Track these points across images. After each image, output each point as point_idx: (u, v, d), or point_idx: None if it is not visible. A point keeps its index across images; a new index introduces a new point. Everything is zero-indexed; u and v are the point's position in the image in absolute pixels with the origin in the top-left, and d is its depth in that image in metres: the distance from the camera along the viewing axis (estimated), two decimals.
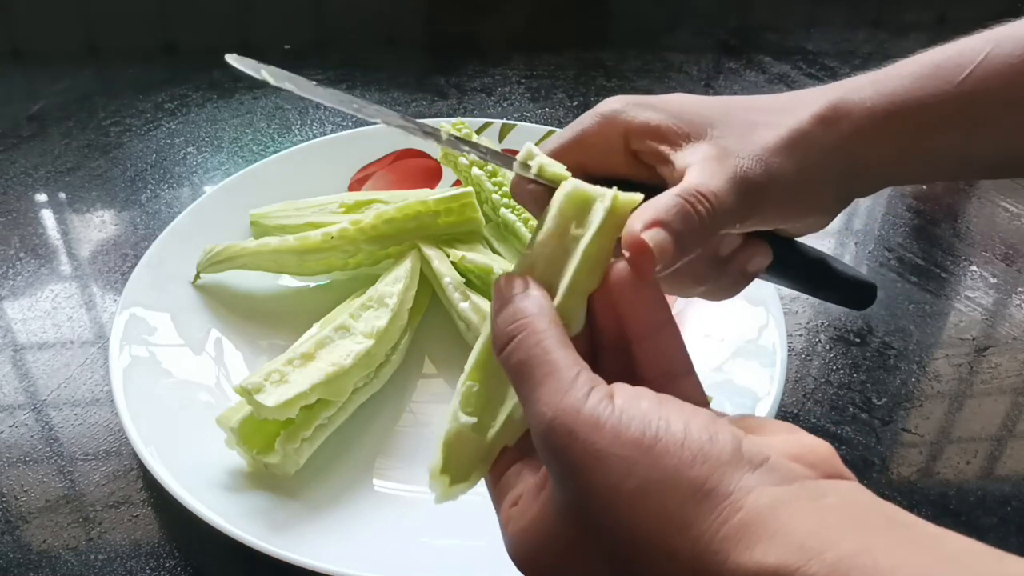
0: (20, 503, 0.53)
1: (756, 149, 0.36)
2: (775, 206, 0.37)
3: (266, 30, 1.00)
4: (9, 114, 0.86)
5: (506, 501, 0.31)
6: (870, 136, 0.38)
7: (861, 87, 0.39)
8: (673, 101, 0.39)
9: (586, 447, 0.27)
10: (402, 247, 0.62)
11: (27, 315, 0.66)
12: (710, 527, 0.25)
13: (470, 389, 0.33)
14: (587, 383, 0.28)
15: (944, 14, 1.06)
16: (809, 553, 0.23)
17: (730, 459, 0.26)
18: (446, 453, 0.33)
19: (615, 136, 0.38)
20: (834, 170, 0.38)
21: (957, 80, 0.38)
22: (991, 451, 0.58)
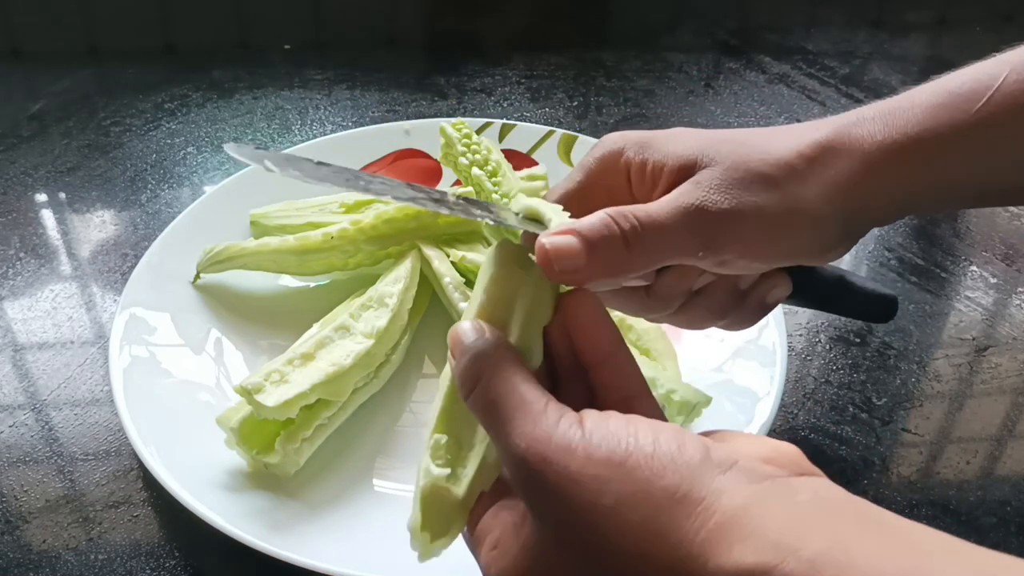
0: (20, 503, 0.53)
1: (728, 183, 0.36)
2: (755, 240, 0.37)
3: (266, 30, 1.00)
4: (9, 114, 0.86)
5: (484, 547, 0.31)
6: (882, 170, 0.37)
7: (868, 119, 0.38)
8: (671, 137, 0.38)
9: (559, 471, 0.27)
10: (402, 247, 0.62)
11: (27, 315, 0.66)
12: (688, 532, 0.26)
13: (438, 442, 0.33)
14: (556, 412, 0.29)
15: (944, 14, 1.06)
16: (784, 551, 0.24)
17: (699, 465, 0.27)
18: (424, 509, 0.33)
19: (618, 178, 0.39)
20: (835, 204, 0.37)
21: (974, 108, 0.37)
22: (991, 451, 0.58)
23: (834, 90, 0.92)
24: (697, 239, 0.36)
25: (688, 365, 0.57)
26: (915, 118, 0.37)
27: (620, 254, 0.34)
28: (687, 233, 0.35)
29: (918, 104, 0.38)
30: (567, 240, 0.32)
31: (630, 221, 0.34)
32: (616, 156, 0.38)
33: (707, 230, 0.36)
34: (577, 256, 0.32)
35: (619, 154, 0.38)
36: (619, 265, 0.34)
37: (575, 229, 0.33)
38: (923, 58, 1.00)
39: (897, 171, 0.37)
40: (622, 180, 0.39)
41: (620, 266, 0.34)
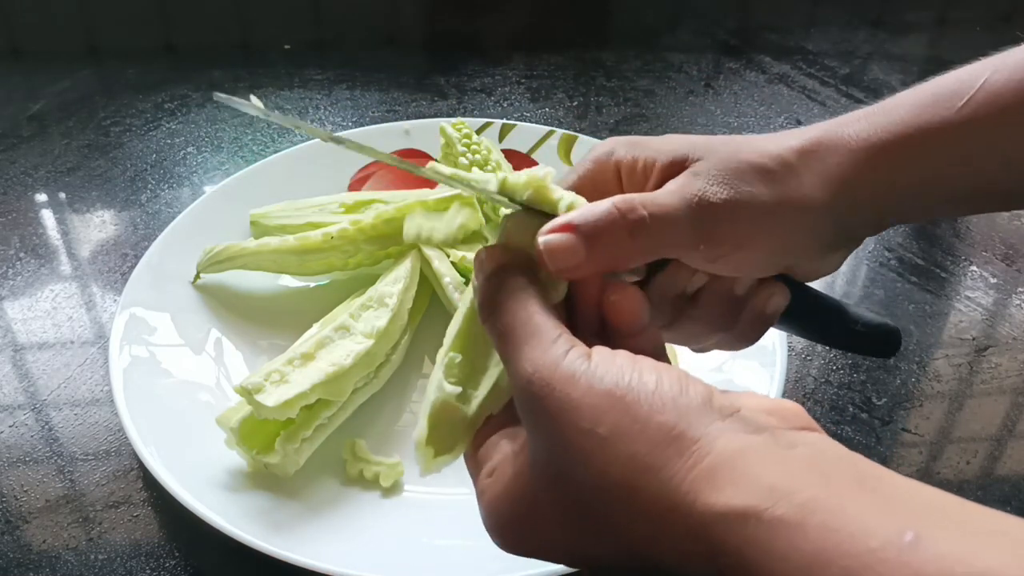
0: (20, 503, 0.53)
1: (725, 173, 0.36)
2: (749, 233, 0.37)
3: (266, 30, 1.00)
4: (9, 114, 0.86)
5: (482, 473, 0.32)
6: (865, 167, 0.38)
7: (855, 120, 0.39)
8: (662, 139, 0.39)
9: (561, 397, 0.28)
10: (402, 247, 0.62)
11: (27, 315, 0.66)
12: (679, 470, 0.26)
13: (452, 360, 0.34)
14: (566, 343, 0.30)
15: (944, 14, 1.06)
16: (777, 495, 0.24)
17: (700, 408, 0.27)
18: (431, 424, 0.33)
19: (611, 178, 0.39)
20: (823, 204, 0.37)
21: (956, 107, 0.37)
22: (991, 451, 0.58)
23: (834, 90, 0.92)
24: (699, 230, 0.36)
25: (688, 365, 0.57)
26: (899, 117, 0.38)
27: (623, 243, 0.34)
28: (690, 223, 0.35)
29: (903, 104, 0.38)
30: (563, 238, 0.33)
31: (636, 210, 0.34)
32: (607, 156, 0.39)
33: (708, 220, 0.36)
34: (575, 253, 0.33)
35: (611, 154, 0.39)
36: (621, 255, 0.34)
37: (574, 224, 0.33)
38: (923, 58, 1.00)
39: (884, 168, 0.38)
40: (612, 178, 0.39)
41: (622, 256, 0.34)
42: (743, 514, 0.24)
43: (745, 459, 0.25)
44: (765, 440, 0.26)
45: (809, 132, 0.38)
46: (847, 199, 0.38)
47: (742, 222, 0.37)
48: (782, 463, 0.25)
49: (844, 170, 0.37)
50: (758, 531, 0.24)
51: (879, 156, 0.37)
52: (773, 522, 0.24)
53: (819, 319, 0.42)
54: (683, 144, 0.38)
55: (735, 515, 0.24)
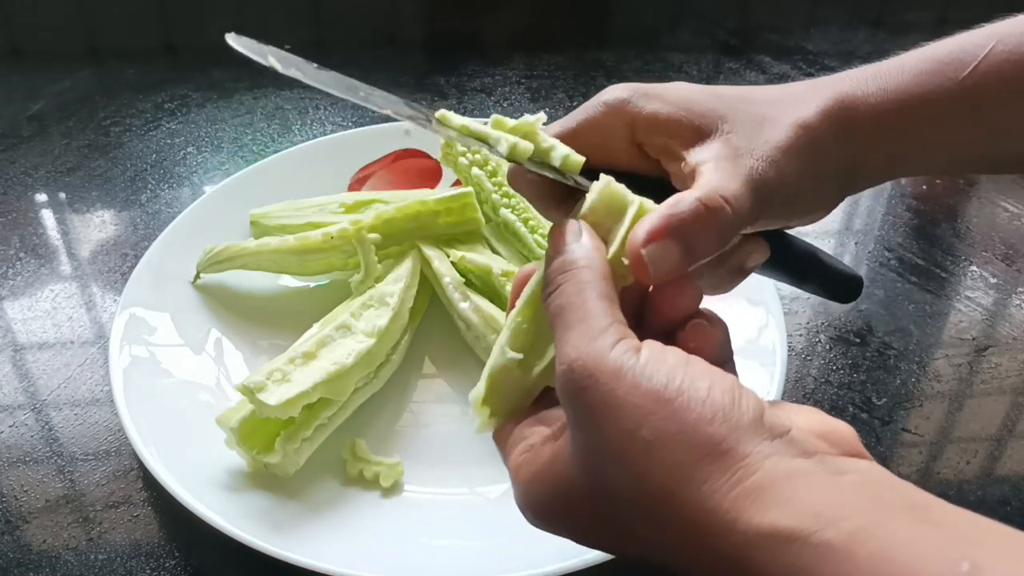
0: (20, 503, 0.53)
1: (767, 149, 0.35)
2: (781, 206, 0.37)
3: (266, 30, 1.00)
4: (9, 114, 0.86)
5: (516, 451, 0.32)
6: (872, 133, 0.37)
7: (864, 81, 0.38)
8: (679, 91, 0.37)
9: (604, 392, 0.27)
10: (402, 247, 0.62)
11: (27, 315, 0.66)
12: (723, 486, 0.25)
13: (519, 325, 0.33)
14: (616, 333, 0.28)
15: (944, 14, 1.06)
16: (824, 521, 0.23)
17: (751, 424, 0.26)
18: (490, 385, 0.33)
19: (620, 127, 0.37)
20: (836, 167, 0.37)
21: (961, 76, 0.37)
22: (991, 451, 0.58)
23: None
24: (756, 211, 0.35)
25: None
26: (903, 83, 0.38)
27: (712, 241, 0.33)
28: (756, 206, 0.35)
29: (907, 69, 0.38)
30: (664, 248, 0.31)
31: (724, 208, 0.33)
32: (621, 104, 0.37)
33: (764, 200, 0.35)
34: (674, 259, 0.32)
35: (625, 102, 0.37)
36: (708, 252, 0.33)
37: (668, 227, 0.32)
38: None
39: (887, 134, 0.38)
40: (622, 128, 0.37)
41: (708, 251, 0.33)
42: (788, 537, 0.23)
43: (792, 482, 0.24)
44: (814, 465, 0.25)
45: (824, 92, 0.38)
46: (854, 162, 0.38)
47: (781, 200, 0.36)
48: (831, 489, 0.24)
49: (854, 135, 0.37)
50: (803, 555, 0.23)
51: (885, 122, 0.37)
52: (820, 547, 0.23)
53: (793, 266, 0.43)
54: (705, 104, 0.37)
55: (780, 537, 0.23)
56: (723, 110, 0.36)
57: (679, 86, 0.38)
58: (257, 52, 0.37)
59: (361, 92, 0.37)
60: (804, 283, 0.44)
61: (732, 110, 0.37)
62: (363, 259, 0.59)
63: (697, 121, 0.36)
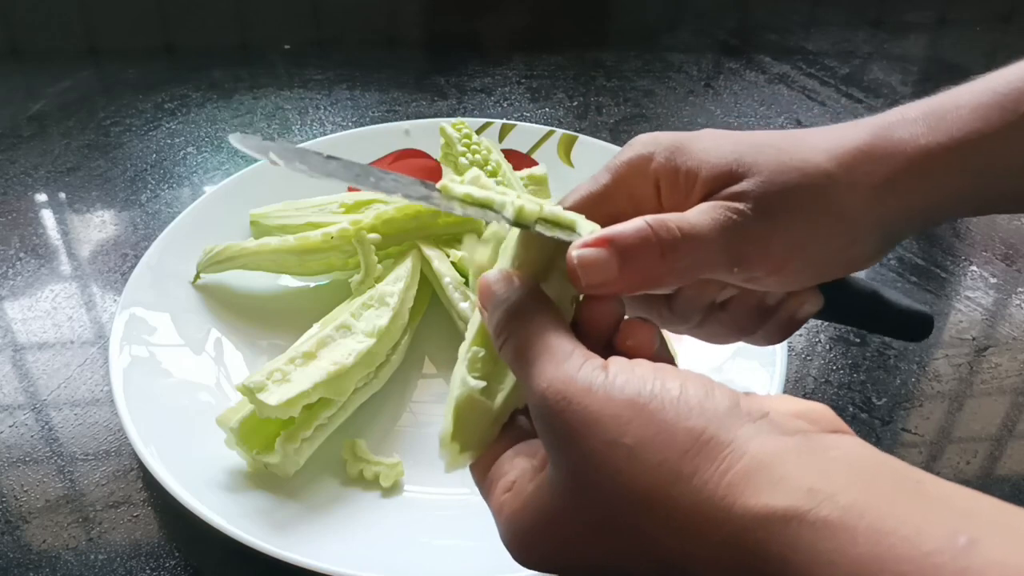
0: (20, 503, 0.53)
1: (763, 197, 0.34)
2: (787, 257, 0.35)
3: (266, 30, 1.00)
4: (9, 114, 0.86)
5: (498, 488, 0.31)
6: (924, 173, 0.35)
7: (912, 120, 0.36)
8: (704, 142, 0.36)
9: (580, 411, 0.27)
10: (402, 247, 0.62)
11: (27, 315, 0.66)
12: (713, 475, 0.25)
13: (476, 355, 0.33)
14: (581, 357, 0.29)
15: (944, 14, 1.06)
16: (819, 496, 0.23)
17: (728, 412, 0.26)
18: (456, 419, 0.33)
19: (646, 185, 0.37)
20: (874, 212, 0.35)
21: (1022, 109, 0.35)
22: (991, 451, 0.58)
23: (834, 90, 0.92)
24: (732, 254, 0.34)
25: (688, 364, 0.57)
26: (960, 119, 0.35)
27: (655, 265, 0.32)
28: (723, 248, 0.34)
29: (964, 105, 0.36)
30: (598, 253, 0.31)
31: (670, 231, 0.33)
32: (646, 161, 0.36)
33: (742, 246, 0.34)
34: (608, 269, 0.31)
35: (649, 159, 0.36)
36: (652, 276, 0.33)
37: (609, 238, 0.32)
38: (923, 58, 1.00)
39: (942, 174, 0.35)
40: (649, 187, 0.37)
41: (653, 278, 0.33)
42: (784, 516, 0.23)
43: (782, 461, 0.24)
44: (799, 442, 0.25)
45: (860, 133, 0.36)
46: (898, 208, 0.36)
47: (778, 248, 0.35)
48: (819, 464, 0.24)
49: (897, 180, 0.35)
50: (801, 533, 0.23)
51: (938, 162, 0.35)
52: (818, 523, 0.23)
53: (853, 310, 0.41)
54: (727, 156, 0.35)
55: (776, 517, 0.23)
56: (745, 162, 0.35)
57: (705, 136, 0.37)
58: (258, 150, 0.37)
59: (371, 178, 0.36)
60: (868, 326, 0.43)
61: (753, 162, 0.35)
62: (363, 259, 0.59)
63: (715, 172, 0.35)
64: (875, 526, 0.22)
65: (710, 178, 0.35)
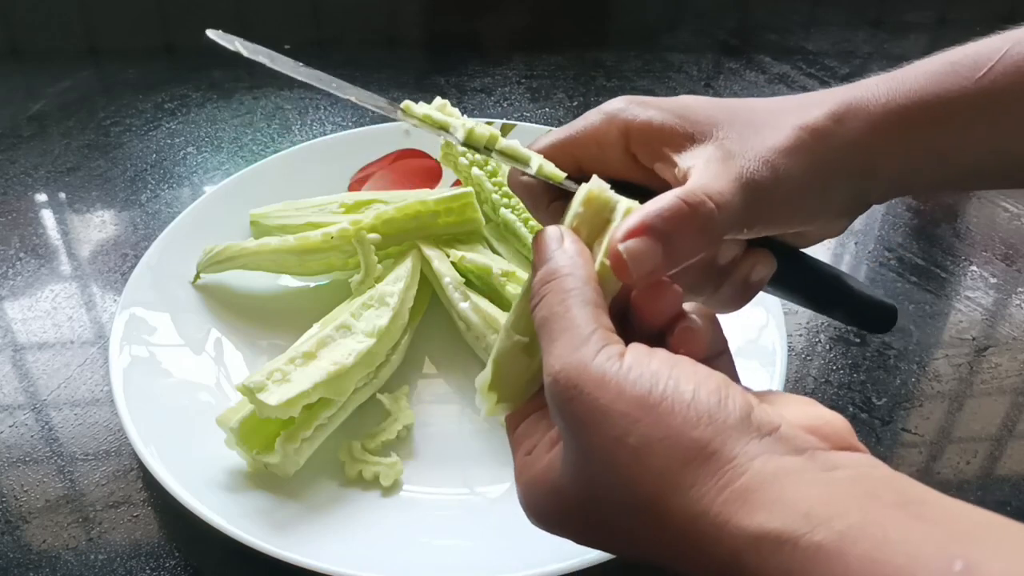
0: (20, 503, 0.53)
1: (762, 150, 0.35)
2: (780, 210, 0.36)
3: (266, 30, 1.00)
4: (9, 114, 0.86)
5: (521, 449, 0.32)
6: (885, 133, 0.37)
7: (874, 85, 0.38)
8: (677, 102, 0.37)
9: (590, 402, 0.27)
10: (402, 247, 0.62)
11: (27, 315, 0.66)
12: (710, 490, 0.25)
13: (524, 309, 0.33)
14: (600, 341, 0.28)
15: (944, 14, 1.06)
16: (815, 521, 0.23)
17: (737, 424, 0.26)
18: (496, 370, 0.33)
19: (614, 135, 0.37)
20: (845, 170, 0.37)
21: (976, 76, 0.37)
22: (991, 451, 0.58)
23: None
24: (751, 212, 0.34)
25: None
26: (918, 84, 0.37)
27: (695, 240, 0.33)
28: (748, 207, 0.34)
29: (922, 73, 0.38)
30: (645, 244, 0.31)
31: (706, 205, 0.33)
32: (617, 113, 0.37)
33: (757, 201, 0.35)
34: (655, 257, 0.31)
35: (622, 111, 0.37)
36: (691, 250, 0.33)
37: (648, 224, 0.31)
38: (920, 58, 1.00)
39: (901, 135, 0.37)
40: (617, 137, 0.37)
41: (692, 251, 0.33)
42: (778, 539, 0.23)
43: (781, 482, 0.24)
44: (804, 462, 0.25)
45: (833, 96, 0.37)
46: (866, 165, 0.37)
47: (779, 200, 0.36)
48: (821, 487, 0.24)
49: (865, 136, 0.36)
50: (794, 558, 0.23)
51: (897, 122, 0.37)
52: (810, 549, 0.22)
53: (812, 288, 0.41)
54: (702, 112, 0.36)
55: (769, 539, 0.23)
56: (720, 116, 0.36)
57: (678, 97, 0.38)
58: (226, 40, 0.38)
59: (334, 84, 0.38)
60: (830, 310, 0.43)
61: (730, 116, 0.36)
62: (363, 259, 0.59)
63: (691, 128, 0.36)
64: (870, 553, 0.22)
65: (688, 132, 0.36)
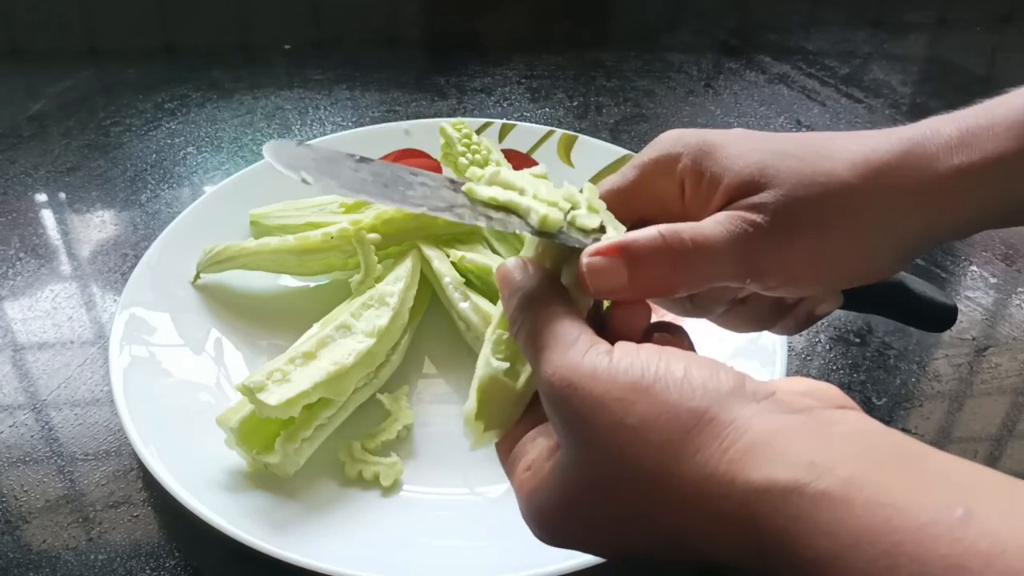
0: (20, 503, 0.53)
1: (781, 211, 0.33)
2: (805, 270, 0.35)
3: (266, 30, 1.00)
4: (9, 114, 0.86)
5: (519, 467, 0.32)
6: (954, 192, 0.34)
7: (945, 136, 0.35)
8: (730, 147, 0.35)
9: (584, 395, 0.28)
10: (402, 247, 0.62)
11: (27, 315, 0.66)
12: (715, 452, 0.25)
13: (500, 337, 0.34)
14: (586, 343, 0.29)
15: (944, 14, 1.06)
16: (820, 469, 0.23)
17: (732, 391, 0.27)
18: (480, 399, 0.33)
19: (671, 185, 0.36)
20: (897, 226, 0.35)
21: None
22: (991, 451, 0.58)
23: (834, 90, 0.92)
24: (745, 265, 0.34)
25: None
26: (995, 138, 0.34)
27: (666, 274, 0.33)
28: (736, 259, 0.34)
29: (999, 123, 0.35)
30: (607, 262, 0.32)
31: (682, 242, 0.33)
32: (672, 161, 0.36)
33: (757, 258, 0.34)
34: (617, 276, 0.32)
35: (676, 160, 0.36)
36: (663, 285, 0.33)
37: (621, 246, 0.32)
38: (923, 58, 1.00)
39: (971, 193, 0.34)
40: (675, 186, 0.36)
41: (664, 286, 0.33)
42: (784, 489, 0.24)
43: (784, 436, 0.25)
44: (803, 419, 0.26)
45: (890, 144, 0.35)
46: (921, 222, 0.35)
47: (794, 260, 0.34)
48: (822, 439, 0.25)
49: (924, 193, 0.34)
50: (801, 505, 0.23)
51: (968, 180, 0.34)
52: (816, 496, 0.23)
53: (875, 301, 0.41)
54: (752, 164, 0.34)
55: (777, 490, 0.24)
56: (769, 171, 0.34)
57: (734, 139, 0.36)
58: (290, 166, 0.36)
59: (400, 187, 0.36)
60: (892, 316, 0.43)
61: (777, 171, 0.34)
62: (363, 259, 0.59)
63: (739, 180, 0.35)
64: (873, 498, 0.23)
65: (732, 186, 0.35)
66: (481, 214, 0.35)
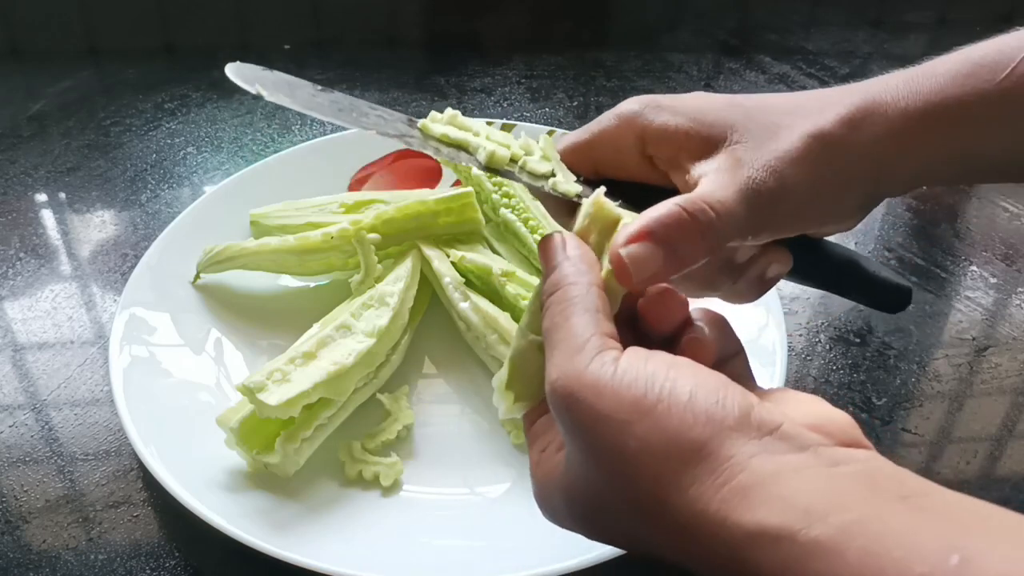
0: (20, 503, 0.53)
1: (770, 159, 0.35)
2: (790, 216, 0.36)
3: (266, 30, 1.00)
4: (9, 114, 0.86)
5: (536, 447, 0.33)
6: (905, 137, 0.36)
7: (893, 86, 0.37)
8: (692, 103, 0.37)
9: (586, 409, 0.27)
10: (402, 247, 0.62)
11: (27, 315, 0.66)
12: (709, 488, 0.25)
13: (536, 310, 0.34)
14: (595, 348, 0.29)
15: (944, 14, 1.06)
16: (813, 516, 0.23)
17: (735, 424, 0.26)
18: (512, 369, 0.34)
19: (631, 139, 0.38)
20: (860, 174, 0.36)
21: (998, 78, 0.36)
22: (991, 451, 0.58)
23: None
24: (756, 221, 0.35)
25: None
26: (938, 85, 0.36)
27: (695, 246, 0.33)
28: (752, 216, 0.34)
29: (941, 73, 0.37)
30: (645, 248, 0.32)
31: (705, 212, 0.33)
32: (634, 116, 0.37)
33: (762, 210, 0.35)
34: (655, 261, 0.32)
35: (637, 114, 0.37)
36: (692, 256, 0.33)
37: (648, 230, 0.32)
38: (923, 58, 1.00)
39: (920, 138, 0.36)
40: (633, 140, 0.37)
41: (692, 257, 0.33)
42: (776, 535, 0.23)
43: (781, 479, 0.24)
44: (806, 459, 0.25)
45: (849, 97, 0.37)
46: (882, 170, 0.37)
47: (788, 209, 0.36)
48: (823, 482, 0.24)
49: (881, 142, 0.36)
50: (792, 553, 0.23)
51: (916, 126, 0.36)
52: (808, 545, 0.23)
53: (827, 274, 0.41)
54: (717, 114, 0.36)
55: (768, 536, 0.23)
56: (735, 120, 0.36)
57: (693, 97, 0.38)
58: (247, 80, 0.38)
59: (354, 114, 0.37)
60: (842, 292, 0.43)
61: (745, 119, 0.36)
62: (363, 259, 0.59)
63: (706, 132, 0.36)
64: (867, 547, 0.22)
65: (703, 138, 0.36)
66: (431, 146, 0.36)
